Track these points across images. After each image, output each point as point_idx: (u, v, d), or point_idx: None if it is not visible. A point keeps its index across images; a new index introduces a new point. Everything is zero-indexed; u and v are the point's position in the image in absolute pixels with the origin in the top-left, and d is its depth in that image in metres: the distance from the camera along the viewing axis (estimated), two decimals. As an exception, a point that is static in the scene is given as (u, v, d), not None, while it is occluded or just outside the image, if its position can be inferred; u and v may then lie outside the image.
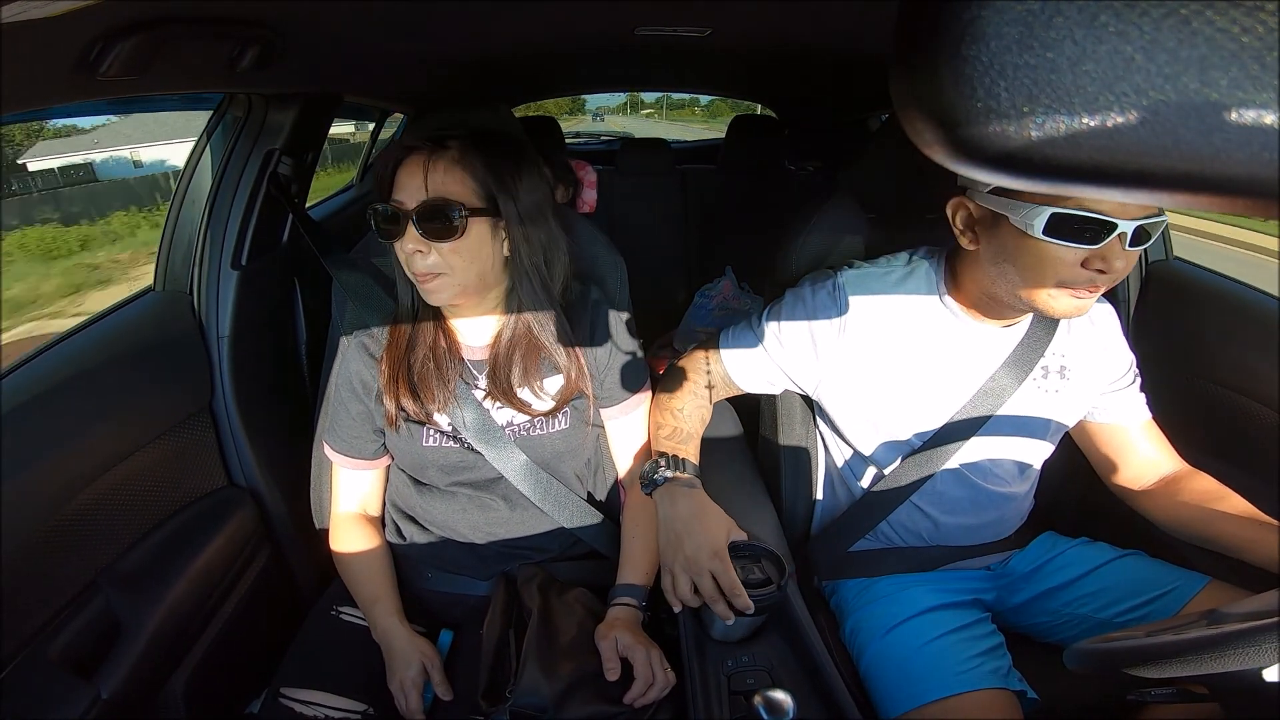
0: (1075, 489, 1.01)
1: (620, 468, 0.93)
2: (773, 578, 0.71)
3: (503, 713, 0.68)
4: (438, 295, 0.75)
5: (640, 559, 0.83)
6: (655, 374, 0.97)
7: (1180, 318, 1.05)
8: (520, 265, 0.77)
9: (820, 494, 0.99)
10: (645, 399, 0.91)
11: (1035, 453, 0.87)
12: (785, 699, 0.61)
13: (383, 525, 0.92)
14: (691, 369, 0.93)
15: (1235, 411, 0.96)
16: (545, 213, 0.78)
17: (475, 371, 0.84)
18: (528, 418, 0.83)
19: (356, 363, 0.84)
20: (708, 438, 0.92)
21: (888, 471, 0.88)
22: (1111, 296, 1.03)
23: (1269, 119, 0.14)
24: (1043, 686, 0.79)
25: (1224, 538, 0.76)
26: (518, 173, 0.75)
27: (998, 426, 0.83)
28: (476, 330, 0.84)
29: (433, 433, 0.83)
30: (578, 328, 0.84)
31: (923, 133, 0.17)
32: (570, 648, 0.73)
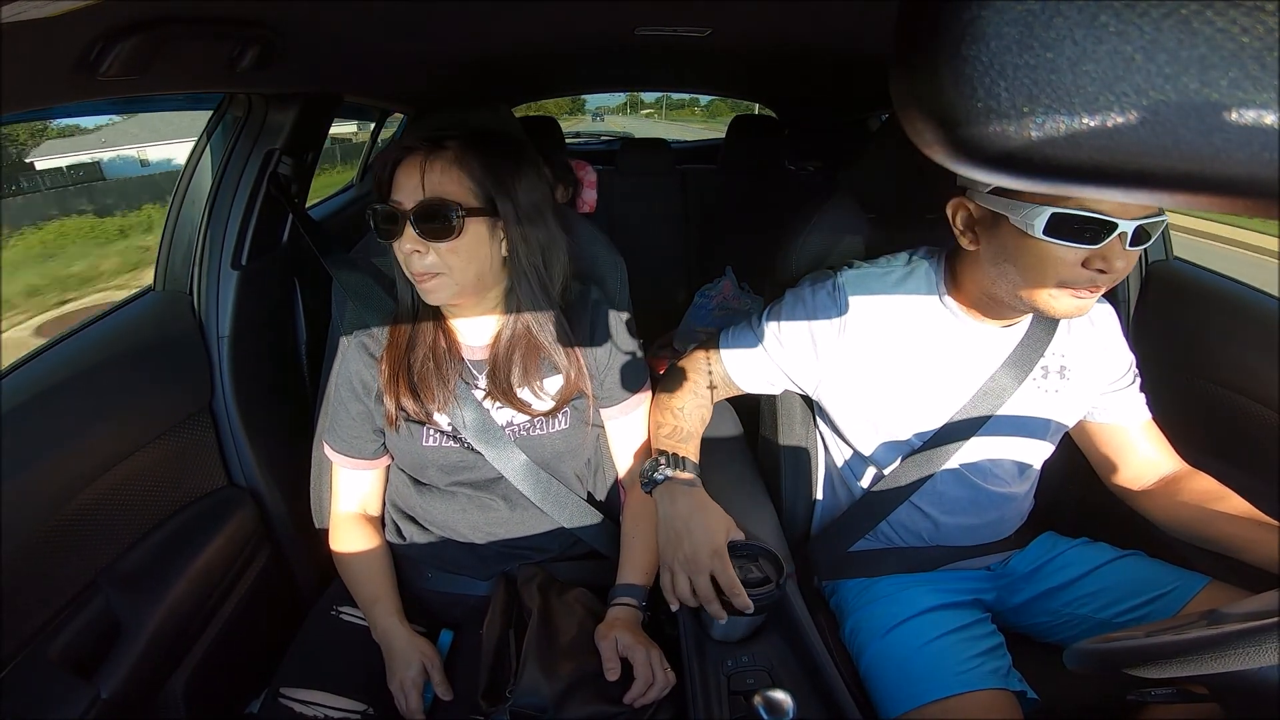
0: (1075, 489, 1.01)
1: (620, 468, 0.93)
2: (771, 576, 0.71)
3: (503, 713, 0.68)
4: (436, 295, 0.75)
5: (640, 559, 0.83)
6: (655, 374, 0.97)
7: (1180, 318, 1.05)
8: (519, 265, 0.77)
9: (820, 494, 0.99)
10: (645, 399, 0.91)
11: (1035, 453, 0.87)
12: (785, 699, 0.61)
13: (383, 525, 0.92)
14: (692, 369, 0.93)
15: (1235, 411, 0.96)
16: (544, 213, 0.78)
17: (475, 371, 0.84)
18: (528, 418, 0.83)
19: (356, 362, 0.84)
20: (708, 438, 0.92)
21: (888, 471, 0.88)
22: (1111, 296, 1.03)
23: (1269, 119, 0.14)
24: (1043, 686, 0.79)
25: (1223, 538, 0.76)
26: (516, 173, 0.75)
27: (998, 426, 0.83)
28: (476, 330, 0.84)
29: (433, 432, 0.83)
30: (578, 328, 0.84)
31: (923, 133, 0.17)
32: (570, 648, 0.73)
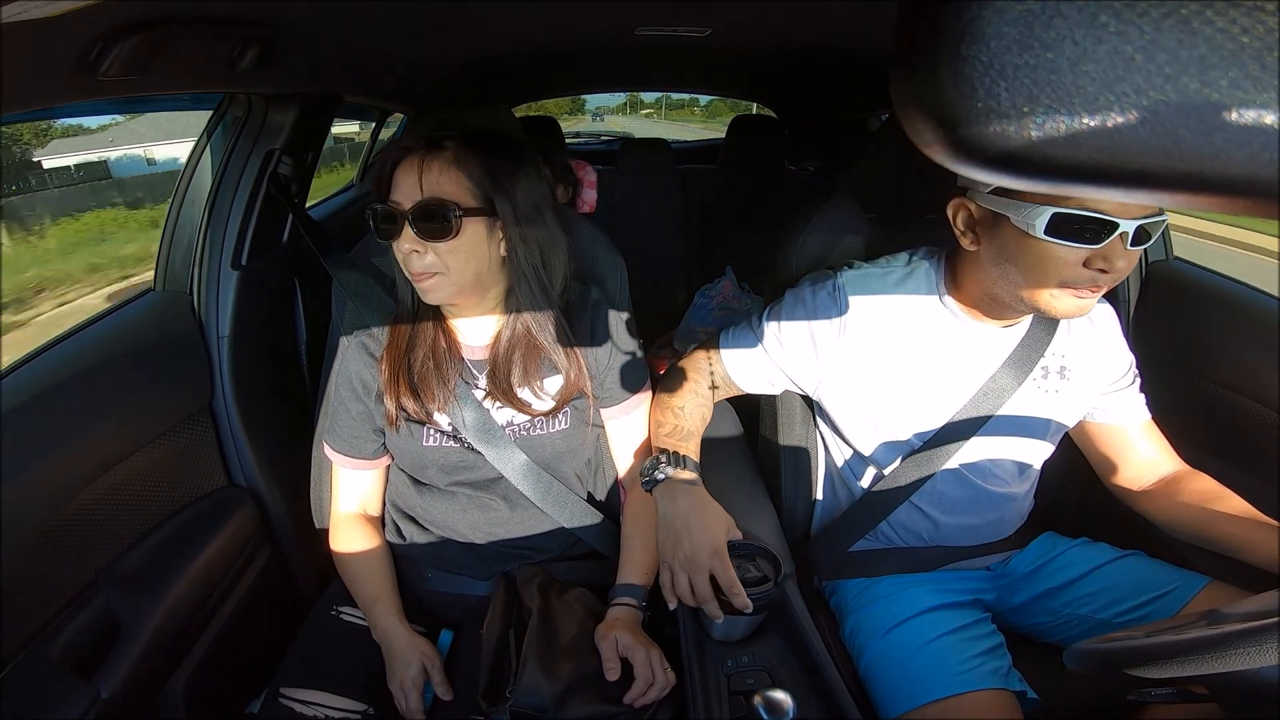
0: (1075, 489, 1.01)
1: (620, 468, 0.93)
2: (769, 575, 0.71)
3: (503, 713, 0.68)
4: (433, 294, 0.75)
5: (640, 559, 0.83)
6: (655, 374, 0.97)
7: (1180, 318, 1.05)
8: (518, 265, 0.77)
9: (820, 494, 0.99)
10: (645, 399, 0.91)
11: (1035, 453, 0.87)
12: (785, 699, 0.61)
13: (383, 525, 0.92)
14: (692, 369, 0.93)
15: (1235, 411, 0.96)
16: (543, 213, 0.78)
17: (475, 371, 0.84)
18: (528, 417, 0.83)
19: (356, 362, 0.84)
20: (708, 438, 0.92)
21: (888, 471, 0.88)
22: (1111, 297, 1.03)
23: (1269, 119, 0.14)
24: (1043, 686, 0.79)
25: (1223, 538, 0.76)
26: (515, 173, 0.75)
27: (998, 427, 0.83)
28: (476, 330, 0.84)
29: (433, 432, 0.83)
30: (578, 328, 0.84)
31: (923, 133, 0.17)
32: (570, 648, 0.73)
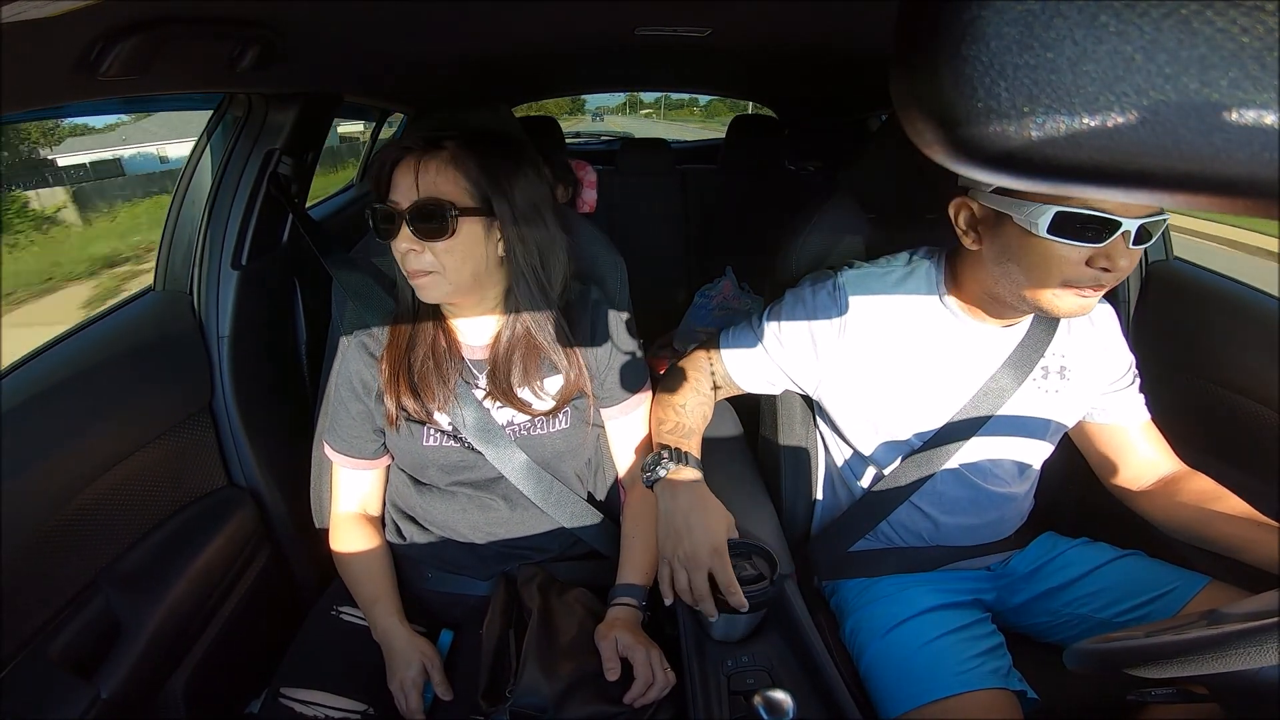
0: (1075, 489, 1.01)
1: (620, 468, 0.93)
2: (765, 573, 0.71)
3: (503, 713, 0.68)
4: (429, 293, 0.75)
5: (640, 559, 0.83)
6: (655, 374, 0.97)
7: (1180, 318, 1.05)
8: (516, 265, 0.77)
9: (820, 494, 0.99)
10: (645, 399, 0.91)
11: (1035, 453, 0.87)
12: (785, 699, 0.61)
13: (383, 525, 0.92)
14: (693, 368, 0.93)
15: (1235, 412, 0.96)
16: (542, 213, 0.78)
17: (475, 371, 0.84)
18: (528, 417, 0.83)
19: (356, 362, 0.84)
20: (708, 438, 0.92)
21: (888, 471, 0.88)
22: (1111, 296, 1.03)
23: (1269, 119, 0.14)
24: (1043, 686, 0.79)
25: (1222, 538, 0.76)
26: (513, 173, 0.75)
27: (998, 427, 0.83)
28: (476, 330, 0.84)
29: (433, 432, 0.83)
30: (577, 328, 0.84)
31: (923, 133, 0.17)
32: (570, 648, 0.73)
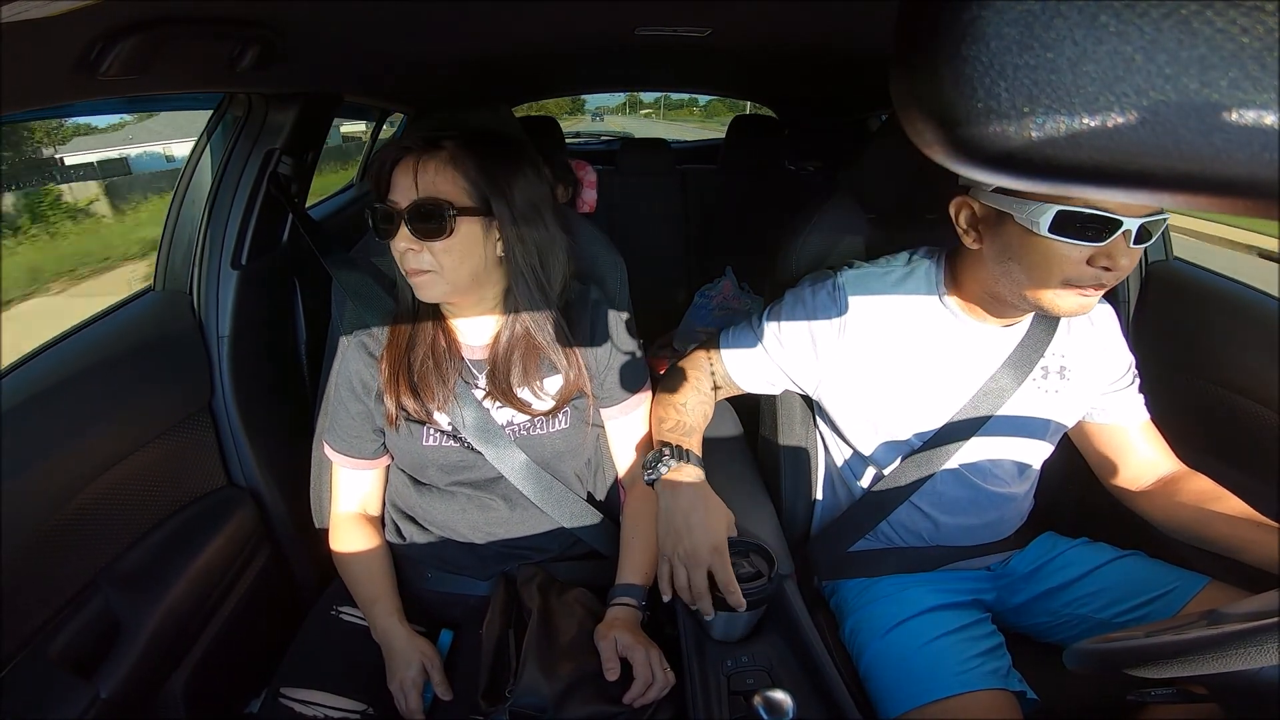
0: (1075, 489, 1.01)
1: (620, 467, 0.93)
2: (764, 571, 0.71)
3: (502, 713, 0.68)
4: (427, 291, 0.75)
5: (640, 559, 0.83)
6: (655, 374, 0.97)
7: (1180, 318, 1.05)
8: (515, 265, 0.77)
9: (820, 494, 0.99)
10: (645, 399, 0.91)
11: (1035, 453, 0.87)
12: (785, 699, 0.61)
13: (382, 525, 0.92)
14: (693, 368, 0.93)
15: (1235, 412, 0.96)
16: (541, 213, 0.78)
17: (475, 371, 0.84)
18: (528, 417, 0.83)
19: (356, 362, 0.84)
20: (708, 438, 0.92)
21: (887, 471, 0.88)
22: (1111, 297, 1.03)
23: (1269, 119, 0.14)
24: (1042, 686, 0.79)
25: (1221, 538, 0.76)
26: (513, 173, 0.75)
27: (997, 427, 0.83)
28: (476, 330, 0.84)
29: (433, 432, 0.83)
30: (577, 327, 0.84)
31: (923, 133, 0.17)
32: (570, 648, 0.73)
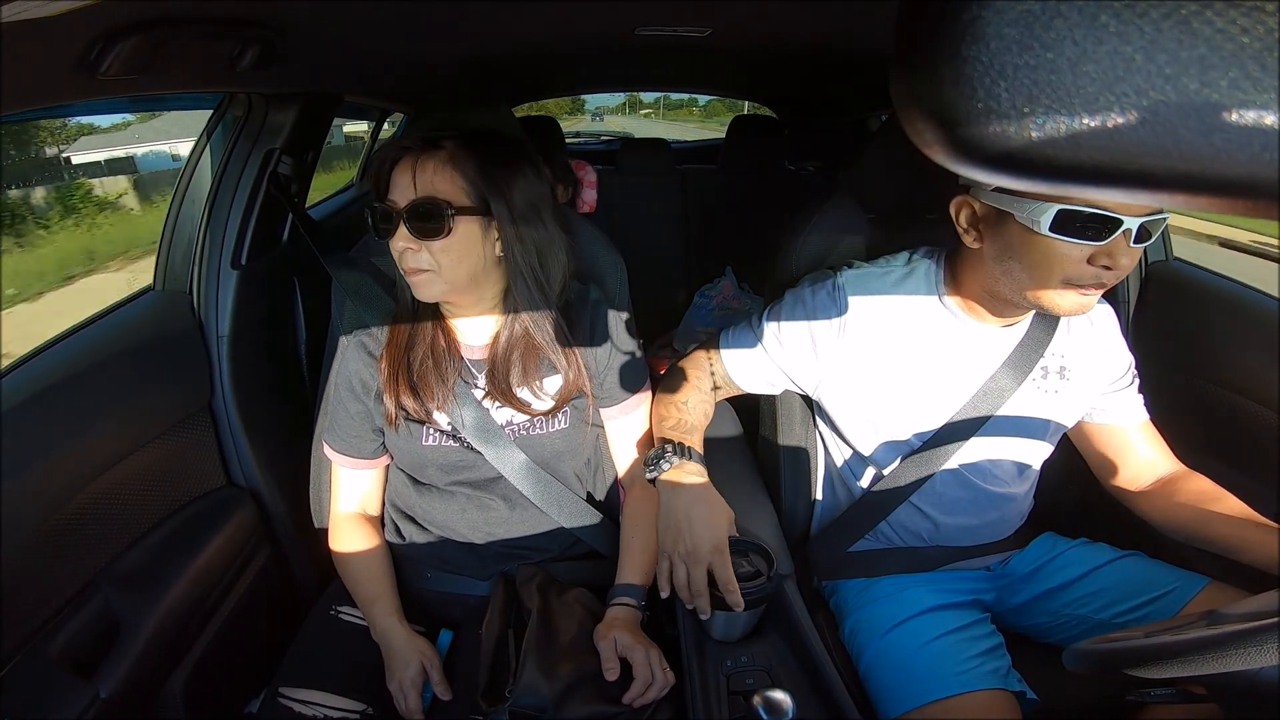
0: (1075, 489, 1.01)
1: (620, 467, 0.93)
2: (763, 571, 0.71)
3: (502, 713, 0.68)
4: (425, 291, 0.75)
5: (639, 559, 0.83)
6: (655, 374, 0.97)
7: (1180, 318, 1.05)
8: (515, 265, 0.77)
9: (820, 494, 0.99)
10: (645, 399, 0.91)
11: (1034, 453, 0.87)
12: (784, 699, 0.61)
13: (382, 525, 0.92)
14: (693, 368, 0.93)
15: (1234, 412, 0.96)
16: (541, 213, 0.77)
17: (474, 370, 0.84)
18: (527, 417, 0.83)
19: (356, 362, 0.84)
20: (708, 438, 0.92)
21: (887, 472, 0.88)
22: (1111, 297, 1.03)
23: (1269, 120, 0.14)
24: (1042, 687, 0.79)
25: (1220, 539, 0.76)
26: (512, 173, 0.75)
27: (997, 427, 0.83)
28: (475, 330, 0.84)
29: (432, 431, 0.83)
30: (577, 327, 0.84)
31: (923, 133, 0.17)
32: (569, 648, 0.73)
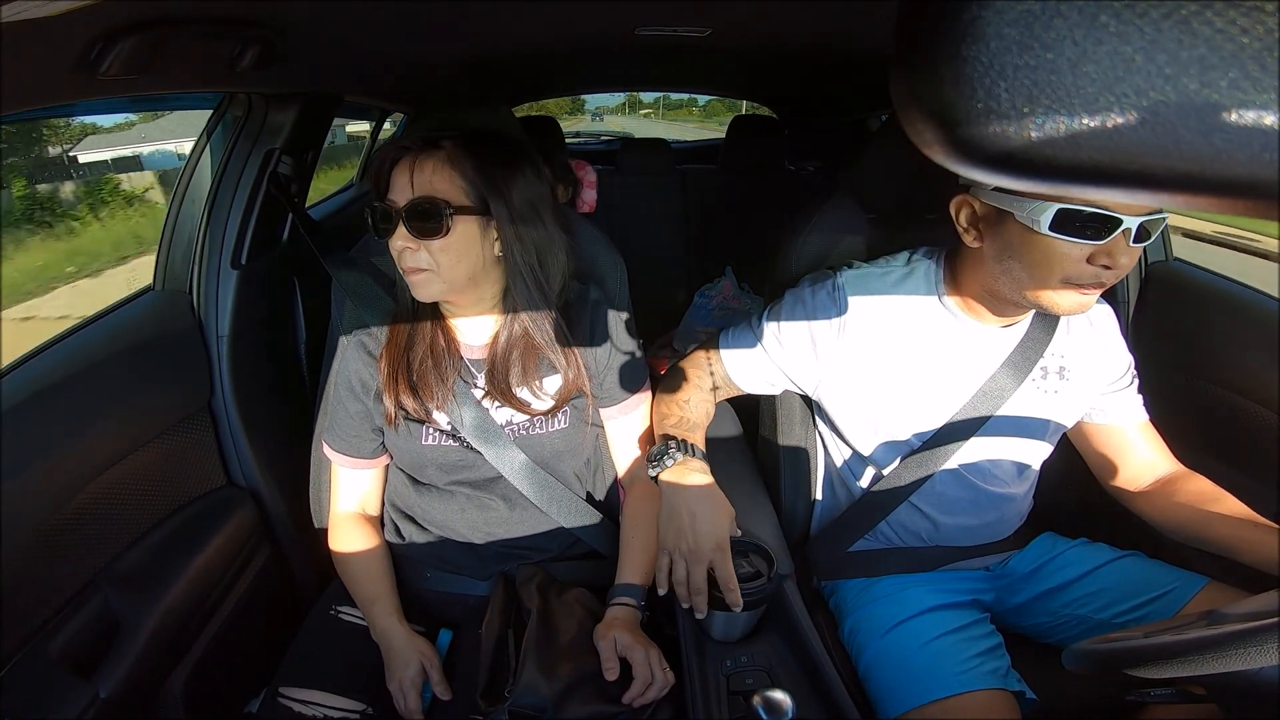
0: (1074, 490, 1.01)
1: (620, 467, 0.93)
2: (763, 571, 0.71)
3: (501, 713, 0.68)
4: (423, 290, 0.75)
5: (639, 559, 0.83)
6: (655, 374, 0.97)
7: (1180, 318, 1.05)
8: (514, 265, 0.77)
9: (820, 494, 0.99)
10: (645, 399, 0.91)
11: (1034, 453, 0.87)
12: (784, 699, 0.61)
13: (381, 525, 0.92)
14: (693, 369, 0.93)
15: (1234, 412, 0.96)
16: (540, 213, 0.77)
17: (474, 370, 0.84)
18: (527, 417, 0.83)
19: (356, 362, 0.84)
20: (708, 438, 0.92)
21: (887, 472, 0.88)
22: (1111, 297, 1.03)
23: (1269, 120, 0.14)
24: (1042, 687, 0.79)
25: (1219, 539, 0.76)
26: (511, 173, 0.75)
27: (997, 427, 0.83)
28: (475, 329, 0.84)
29: (432, 431, 0.83)
30: (577, 327, 0.84)
31: (923, 133, 0.17)
32: (569, 648, 0.73)
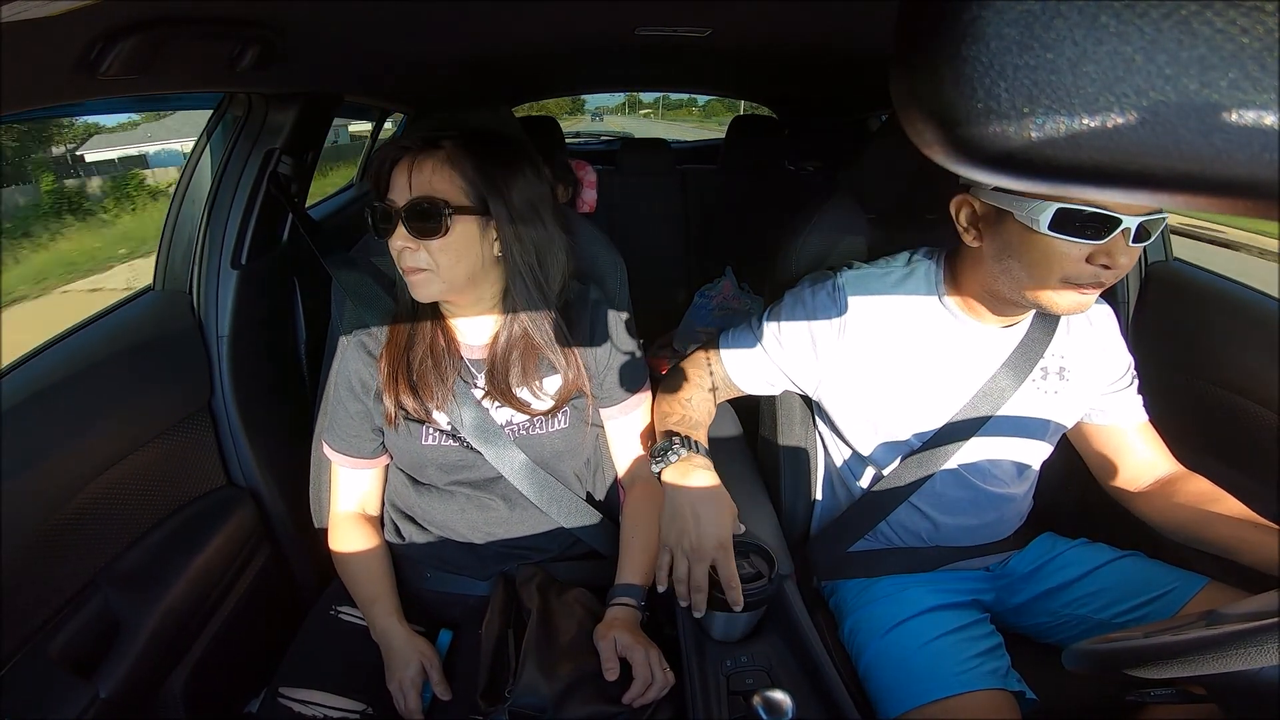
0: (1074, 490, 1.01)
1: (619, 467, 0.93)
2: (763, 572, 0.72)
3: (502, 713, 0.68)
4: (422, 290, 0.75)
5: (639, 559, 0.83)
6: (655, 374, 0.97)
7: (1180, 319, 1.05)
8: (513, 265, 0.77)
9: (820, 494, 0.99)
10: (645, 399, 0.91)
11: (1034, 453, 0.87)
12: (784, 699, 0.61)
13: (381, 525, 0.92)
14: (693, 369, 0.93)
15: (1234, 413, 0.96)
16: (540, 213, 0.77)
17: (474, 370, 0.84)
18: (527, 417, 0.83)
19: (356, 362, 0.84)
20: (708, 438, 0.92)
21: (887, 472, 0.88)
22: (1111, 297, 1.03)
23: (1269, 120, 0.14)
24: (1042, 687, 0.79)
25: (1219, 540, 0.76)
26: (510, 173, 0.75)
27: (997, 427, 0.83)
28: (474, 329, 0.84)
29: (432, 431, 0.83)
30: (576, 327, 0.84)
31: (923, 133, 0.17)
32: (569, 648, 0.73)
